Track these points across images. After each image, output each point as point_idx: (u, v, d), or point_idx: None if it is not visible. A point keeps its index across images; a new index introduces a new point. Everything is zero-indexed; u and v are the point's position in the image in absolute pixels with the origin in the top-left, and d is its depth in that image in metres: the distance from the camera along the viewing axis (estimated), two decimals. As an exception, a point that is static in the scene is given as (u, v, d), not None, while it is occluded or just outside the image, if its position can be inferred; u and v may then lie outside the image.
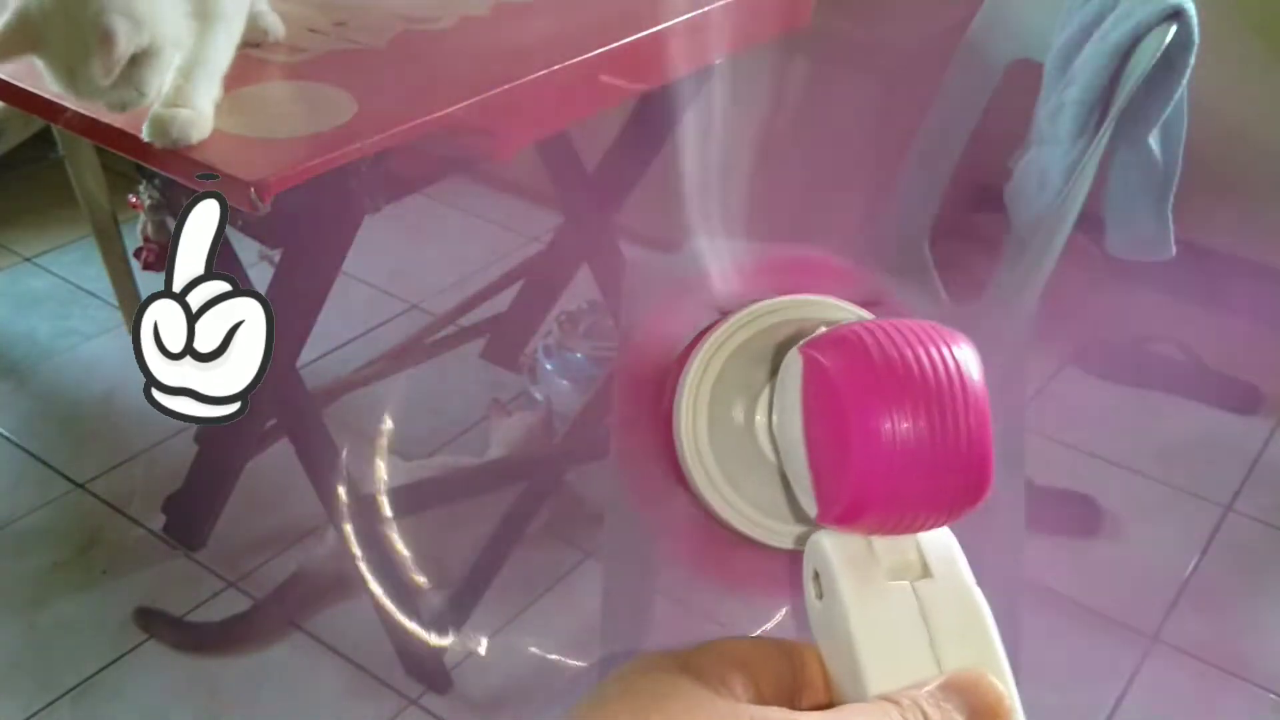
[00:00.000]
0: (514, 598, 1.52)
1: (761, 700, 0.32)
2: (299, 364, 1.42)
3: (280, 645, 1.48)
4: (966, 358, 0.31)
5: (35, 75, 1.11)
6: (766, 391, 0.36)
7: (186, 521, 1.59)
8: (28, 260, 2.22)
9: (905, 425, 0.30)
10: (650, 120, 1.59)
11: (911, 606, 0.32)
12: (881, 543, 0.33)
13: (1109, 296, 2.11)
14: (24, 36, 0.93)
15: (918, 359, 0.30)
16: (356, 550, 1.42)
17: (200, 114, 1.00)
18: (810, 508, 0.33)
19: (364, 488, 1.51)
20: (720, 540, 0.37)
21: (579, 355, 1.74)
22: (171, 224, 1.44)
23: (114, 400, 1.87)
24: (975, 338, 0.34)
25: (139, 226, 1.46)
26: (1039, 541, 1.59)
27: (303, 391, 1.42)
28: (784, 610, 0.37)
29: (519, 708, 1.43)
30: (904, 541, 0.33)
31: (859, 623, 0.32)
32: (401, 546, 1.42)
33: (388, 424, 1.60)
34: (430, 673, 1.43)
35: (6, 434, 1.79)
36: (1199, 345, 1.97)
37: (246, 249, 1.43)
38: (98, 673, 1.43)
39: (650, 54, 1.20)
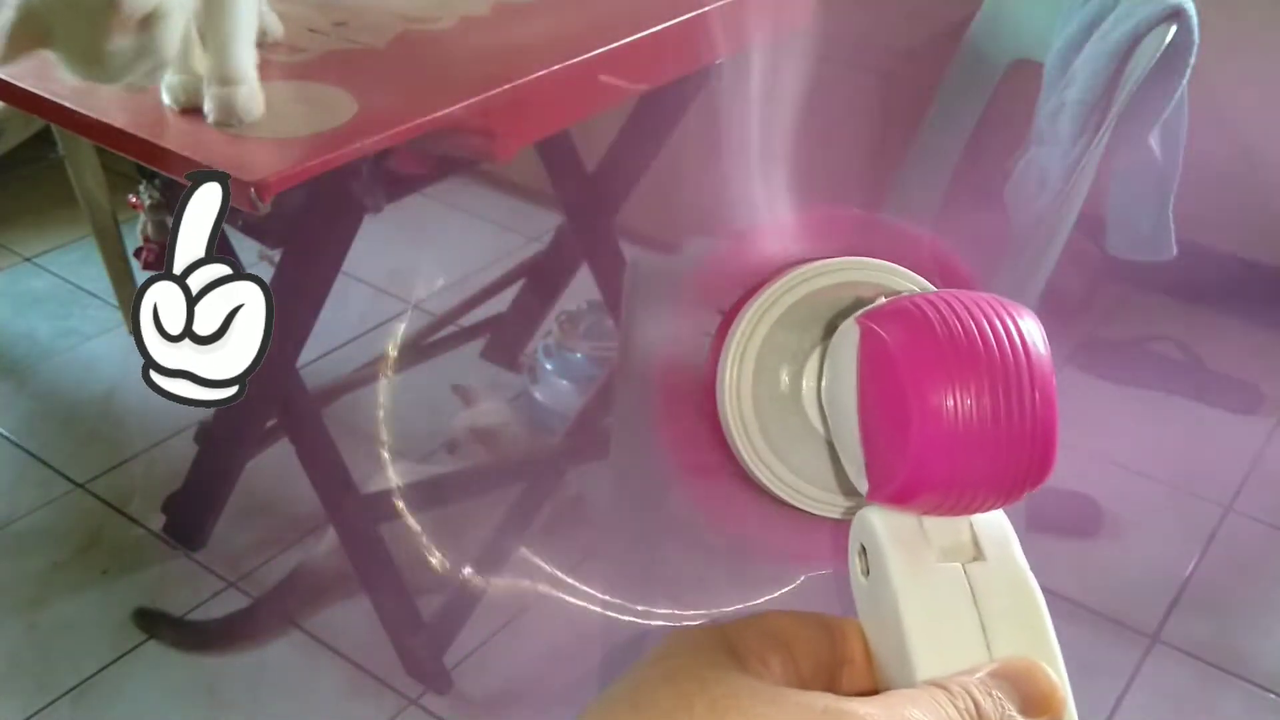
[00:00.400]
0: (514, 597, 1.52)
1: (800, 678, 0.31)
2: (299, 364, 1.42)
3: (280, 645, 1.48)
4: (1032, 331, 0.29)
5: (35, 75, 1.11)
6: (815, 358, 0.34)
7: (186, 521, 1.59)
8: (28, 260, 2.22)
9: (968, 403, 0.28)
10: (650, 120, 1.59)
11: (963, 589, 0.31)
12: (933, 522, 0.31)
13: (1109, 296, 2.12)
14: (32, 31, 0.93)
15: (982, 333, 0.29)
16: (356, 550, 1.42)
17: (254, 86, 1.03)
18: (860, 484, 0.32)
19: (364, 488, 1.52)
20: (760, 507, 0.36)
21: (579, 355, 1.74)
22: (170, 224, 1.44)
23: (114, 400, 1.87)
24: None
25: (139, 226, 1.46)
26: (1039, 541, 1.59)
27: (303, 391, 1.42)
28: (802, 577, 0.36)
29: (519, 708, 1.43)
30: (957, 522, 0.32)
31: (908, 604, 0.30)
32: (401, 546, 1.42)
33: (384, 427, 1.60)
34: (430, 673, 1.43)
35: (6, 434, 1.79)
36: (1199, 345, 1.97)
37: (246, 249, 1.43)
38: (98, 673, 1.43)
39: (650, 54, 1.20)
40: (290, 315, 1.33)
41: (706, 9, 1.21)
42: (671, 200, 1.54)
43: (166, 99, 1.05)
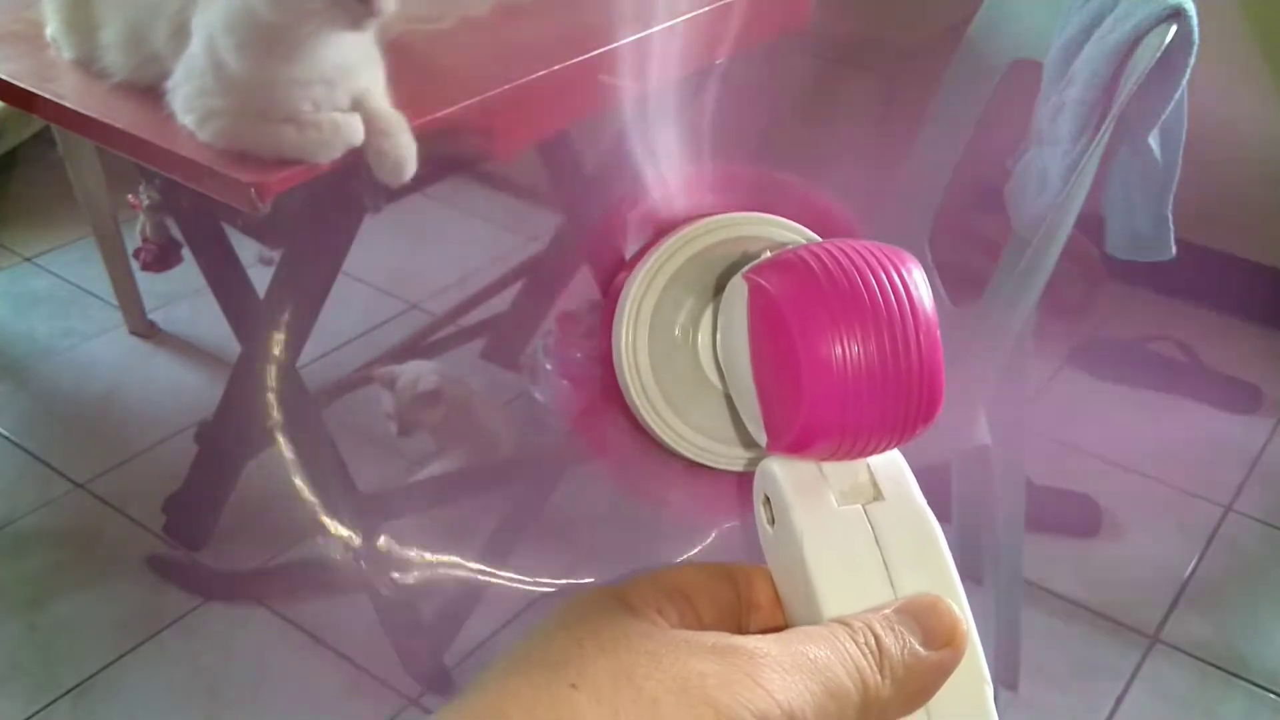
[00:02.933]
0: (513, 597, 1.52)
1: (701, 626, 0.32)
2: (299, 364, 1.42)
3: (280, 645, 1.48)
4: (914, 277, 0.30)
5: (35, 75, 1.11)
6: (710, 311, 0.35)
7: (186, 521, 1.59)
8: (28, 260, 2.22)
9: (855, 349, 0.29)
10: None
11: (864, 530, 0.32)
12: (832, 467, 0.32)
13: (1109, 296, 2.11)
14: None
15: (865, 280, 0.29)
16: (357, 550, 1.42)
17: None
18: (759, 436, 0.32)
19: (364, 488, 1.52)
20: (662, 463, 0.37)
21: (579, 355, 1.74)
22: (170, 224, 1.44)
23: (114, 400, 1.87)
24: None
25: (139, 226, 1.46)
26: (1039, 541, 1.59)
27: (303, 391, 1.42)
28: (713, 535, 0.37)
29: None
30: (855, 465, 0.32)
31: (812, 548, 0.31)
32: (401, 546, 1.42)
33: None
34: (430, 673, 1.43)
35: (6, 434, 1.79)
36: (1199, 345, 1.97)
37: (246, 249, 1.43)
38: (98, 673, 1.43)
39: (650, 54, 1.20)
40: (290, 315, 1.33)
41: (707, 9, 1.21)
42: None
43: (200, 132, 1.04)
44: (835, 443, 0.30)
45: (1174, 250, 1.20)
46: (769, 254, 0.33)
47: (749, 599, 0.33)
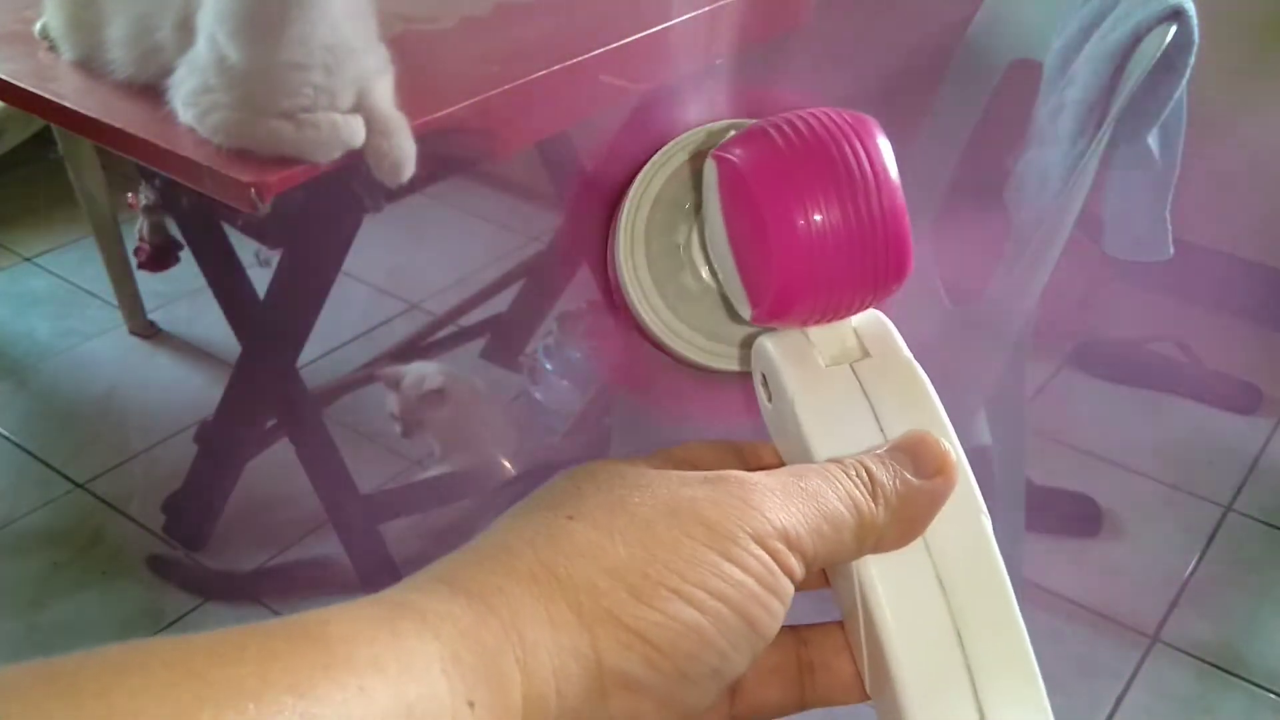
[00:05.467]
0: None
1: None
2: (299, 364, 1.42)
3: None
4: (876, 142, 0.31)
5: (35, 75, 1.11)
6: (698, 219, 0.36)
7: (186, 521, 1.59)
8: (28, 260, 2.22)
9: (818, 209, 0.30)
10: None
11: (853, 386, 0.33)
12: (817, 332, 0.34)
13: (1109, 296, 2.11)
14: None
15: (824, 145, 0.30)
16: (356, 550, 1.42)
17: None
18: (745, 310, 0.33)
19: (364, 488, 1.52)
20: (668, 368, 0.38)
21: (579, 355, 1.74)
22: (169, 224, 1.44)
23: (114, 400, 1.87)
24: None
25: (138, 226, 1.46)
26: (1039, 541, 1.59)
27: (303, 391, 1.42)
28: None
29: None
30: (839, 328, 0.34)
31: (804, 408, 0.32)
32: (401, 547, 1.42)
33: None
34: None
35: (6, 434, 1.79)
36: (1199, 345, 1.97)
37: (246, 249, 1.43)
38: (98, 673, 1.43)
39: (650, 54, 1.20)
40: (290, 315, 1.33)
41: (707, 9, 1.21)
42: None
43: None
44: (811, 301, 0.31)
45: (1171, 250, 1.20)
46: (733, 132, 0.34)
47: (755, 467, 0.34)
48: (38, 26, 1.16)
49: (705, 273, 0.36)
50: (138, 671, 0.22)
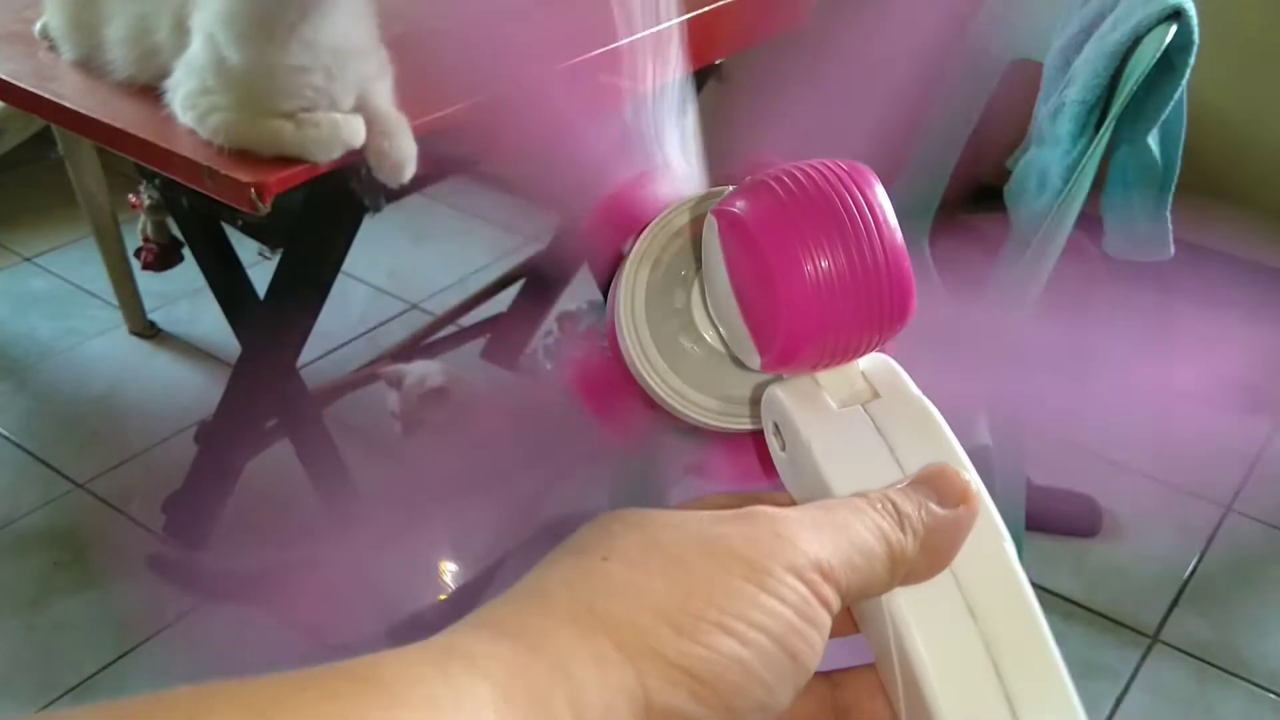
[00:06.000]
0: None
1: None
2: (299, 364, 1.42)
3: (280, 645, 1.48)
4: (871, 188, 0.32)
5: (35, 75, 1.11)
6: (698, 282, 0.37)
7: (186, 521, 1.59)
8: (28, 260, 2.22)
9: (823, 254, 0.31)
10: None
11: (867, 426, 0.33)
12: (826, 376, 0.34)
13: (1109, 296, 2.11)
14: None
15: (825, 193, 0.31)
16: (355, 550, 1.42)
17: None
18: (754, 361, 0.34)
19: (364, 488, 1.52)
20: (688, 439, 0.39)
21: (579, 355, 1.74)
22: (171, 224, 1.44)
23: (114, 400, 1.87)
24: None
25: (139, 226, 1.46)
26: (1039, 541, 1.59)
27: (303, 391, 1.42)
28: None
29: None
30: (847, 371, 0.34)
31: (821, 450, 0.33)
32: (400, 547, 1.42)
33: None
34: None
35: (6, 434, 1.79)
36: (1199, 345, 1.96)
37: (246, 249, 1.43)
38: (98, 673, 1.43)
39: (650, 54, 1.20)
40: (290, 315, 1.33)
41: (707, 9, 1.21)
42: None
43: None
44: (819, 344, 0.32)
45: (1171, 250, 1.20)
46: (730, 189, 0.35)
47: None
48: (38, 26, 1.16)
49: (710, 335, 0.37)
50: (205, 714, 0.23)
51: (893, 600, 0.31)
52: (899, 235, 0.31)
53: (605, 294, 0.39)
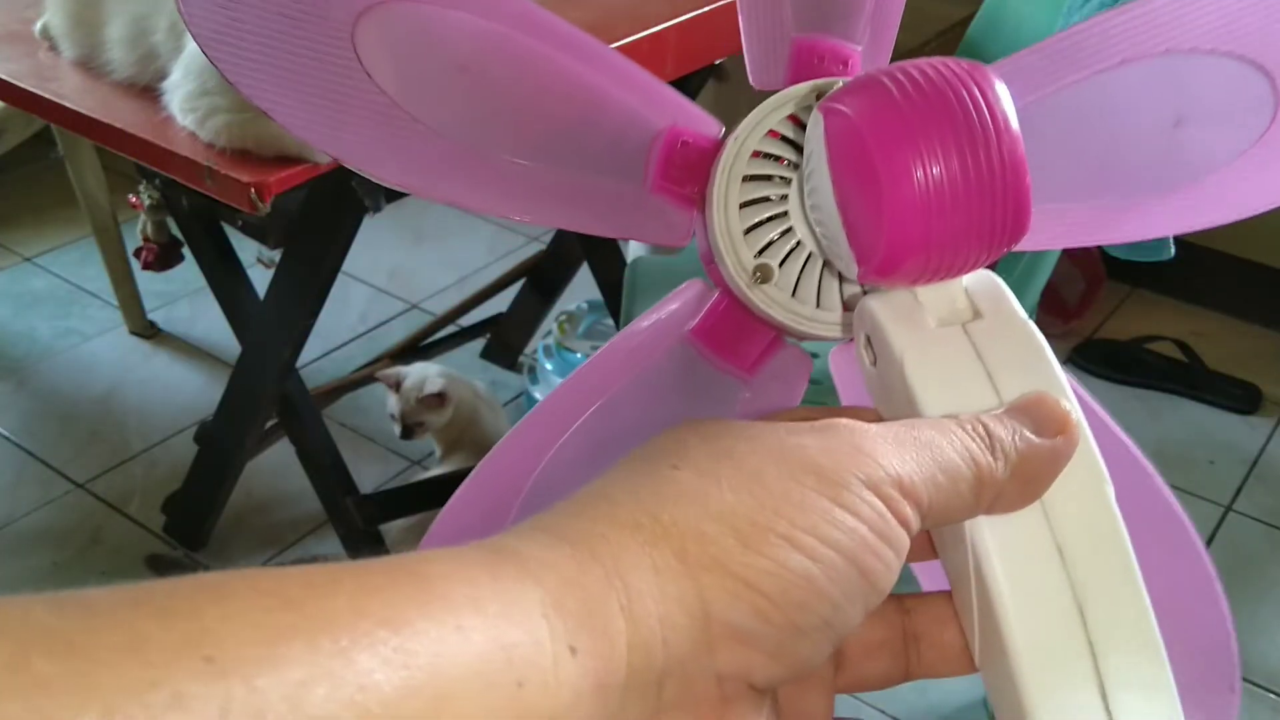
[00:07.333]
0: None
1: None
2: (299, 364, 1.42)
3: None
4: (995, 91, 0.29)
5: (35, 75, 1.11)
6: (795, 179, 0.35)
7: (186, 521, 1.59)
8: (28, 260, 2.22)
9: (936, 160, 0.28)
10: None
11: (966, 348, 0.31)
12: (927, 292, 0.32)
13: (1109, 296, 2.12)
14: None
15: (941, 94, 0.29)
16: (357, 550, 1.42)
17: None
18: (850, 269, 0.32)
19: (364, 488, 1.52)
20: (763, 331, 0.37)
21: (579, 355, 1.74)
22: (171, 224, 1.44)
23: (114, 400, 1.87)
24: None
25: (139, 226, 1.46)
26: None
27: (303, 391, 1.42)
28: None
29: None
30: (949, 287, 0.32)
31: (915, 371, 0.31)
32: (401, 548, 1.42)
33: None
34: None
35: (6, 434, 1.79)
36: (1199, 345, 1.97)
37: (246, 249, 1.43)
38: (98, 673, 1.43)
39: (650, 53, 1.20)
40: (290, 315, 1.33)
41: (707, 9, 1.21)
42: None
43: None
44: (922, 258, 0.30)
45: (1172, 251, 1.20)
46: (841, 83, 0.32)
47: None
48: (38, 26, 1.16)
49: (803, 232, 0.35)
50: (231, 597, 0.22)
51: (976, 528, 0.29)
52: (1020, 142, 0.29)
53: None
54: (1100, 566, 0.29)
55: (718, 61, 1.44)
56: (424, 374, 1.56)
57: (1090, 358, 1.98)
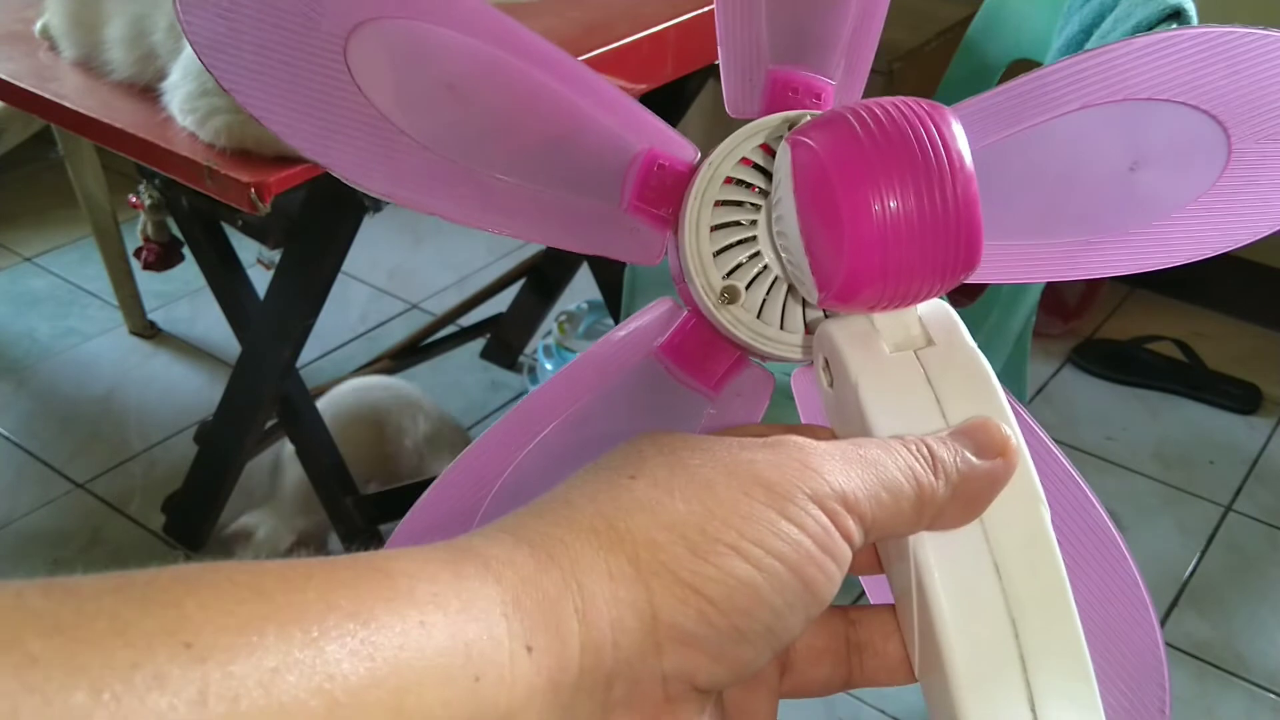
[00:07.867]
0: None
1: None
2: (299, 364, 1.42)
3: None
4: (950, 128, 0.31)
5: (35, 75, 1.11)
6: (764, 206, 0.37)
7: (186, 521, 1.59)
8: (28, 260, 2.22)
9: (894, 195, 0.30)
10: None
11: (917, 372, 0.33)
12: (883, 319, 0.33)
13: (1109, 296, 2.12)
14: None
15: (901, 134, 0.30)
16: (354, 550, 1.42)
17: None
18: (811, 294, 0.34)
19: (364, 488, 1.52)
20: (728, 352, 0.38)
21: (579, 355, 1.74)
22: (171, 224, 1.44)
23: (114, 400, 1.87)
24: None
25: (139, 226, 1.46)
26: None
27: (303, 391, 1.42)
28: None
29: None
30: (904, 315, 0.34)
31: (867, 392, 0.32)
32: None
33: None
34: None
35: (6, 434, 1.79)
36: (1199, 345, 1.97)
37: (246, 249, 1.43)
38: (98, 673, 1.43)
39: (650, 54, 1.20)
40: (290, 315, 1.33)
41: (707, 9, 1.21)
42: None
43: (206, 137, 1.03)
44: (879, 287, 0.31)
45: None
46: (809, 117, 0.34)
47: None
48: (38, 26, 1.16)
49: (770, 257, 0.37)
50: (209, 588, 0.23)
51: (919, 543, 0.31)
52: (973, 181, 0.31)
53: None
54: (1034, 584, 0.30)
55: (717, 62, 1.44)
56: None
57: (1090, 358, 1.98)
